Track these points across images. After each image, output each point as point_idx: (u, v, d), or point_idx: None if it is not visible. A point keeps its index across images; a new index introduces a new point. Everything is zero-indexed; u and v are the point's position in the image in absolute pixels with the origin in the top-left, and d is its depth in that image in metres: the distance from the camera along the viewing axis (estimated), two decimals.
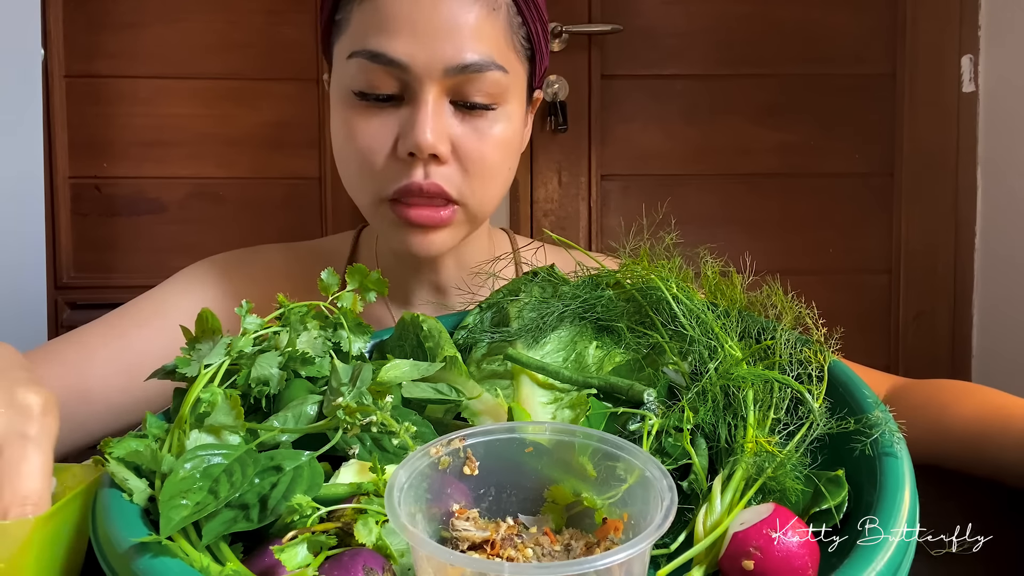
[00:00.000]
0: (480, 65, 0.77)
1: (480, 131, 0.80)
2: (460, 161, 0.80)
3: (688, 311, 0.67)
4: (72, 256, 1.89)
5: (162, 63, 1.87)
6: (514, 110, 0.82)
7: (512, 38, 0.81)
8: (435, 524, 0.51)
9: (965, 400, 0.80)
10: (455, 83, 0.78)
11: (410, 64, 0.76)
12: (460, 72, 0.77)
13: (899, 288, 2.00)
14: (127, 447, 0.54)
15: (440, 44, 0.76)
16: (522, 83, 0.84)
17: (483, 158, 0.80)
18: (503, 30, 0.79)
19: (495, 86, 0.79)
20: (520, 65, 0.83)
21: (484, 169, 0.80)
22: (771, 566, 0.49)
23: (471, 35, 0.77)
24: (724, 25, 1.95)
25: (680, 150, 1.97)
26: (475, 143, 0.79)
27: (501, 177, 0.83)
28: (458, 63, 0.76)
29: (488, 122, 0.80)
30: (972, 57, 1.94)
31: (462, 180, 0.80)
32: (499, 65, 0.78)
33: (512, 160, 0.84)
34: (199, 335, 0.62)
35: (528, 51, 0.84)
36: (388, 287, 0.70)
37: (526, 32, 0.83)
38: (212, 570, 0.47)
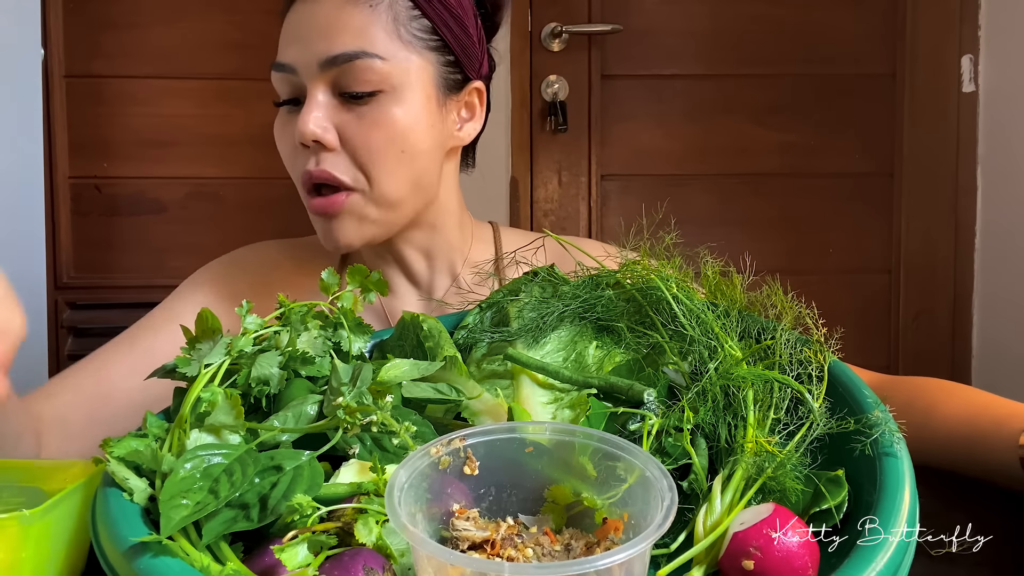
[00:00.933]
0: (349, 55, 0.83)
1: (363, 117, 0.85)
2: (347, 148, 0.85)
3: (688, 311, 0.67)
4: (72, 256, 1.88)
5: (162, 63, 1.87)
6: (407, 95, 0.86)
7: (398, 29, 0.85)
8: (435, 524, 0.51)
9: (949, 401, 0.79)
10: (334, 76, 0.84)
11: (295, 65, 0.86)
12: (332, 64, 0.84)
13: (899, 288, 2.00)
14: (127, 447, 0.54)
15: (314, 42, 0.85)
16: (419, 69, 0.87)
17: (367, 141, 0.85)
18: (383, 23, 0.85)
19: (371, 73, 0.84)
20: (416, 55, 0.86)
21: (370, 152, 0.85)
22: (771, 566, 0.49)
23: (341, 30, 0.84)
24: (724, 25, 1.95)
25: (680, 150, 1.96)
26: (357, 128, 0.85)
27: (396, 160, 0.86)
28: (328, 55, 0.84)
29: (373, 108, 0.85)
30: (972, 57, 1.94)
31: (351, 166, 0.85)
32: (372, 54, 0.84)
33: (408, 143, 0.86)
34: (199, 335, 0.62)
35: (434, 41, 0.88)
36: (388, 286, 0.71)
37: (426, 25, 0.87)
38: (212, 570, 0.47)
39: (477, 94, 0.94)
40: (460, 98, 0.92)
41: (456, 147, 0.94)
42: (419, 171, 0.88)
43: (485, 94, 0.95)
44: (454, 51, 0.89)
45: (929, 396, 0.81)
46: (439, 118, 0.89)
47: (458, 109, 0.92)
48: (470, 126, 0.94)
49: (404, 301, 0.98)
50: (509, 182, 1.93)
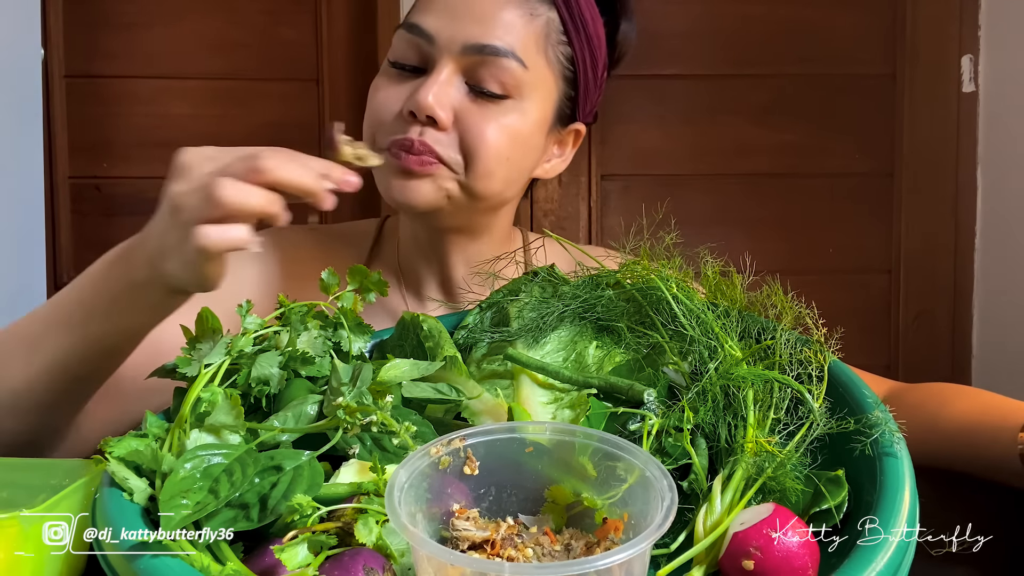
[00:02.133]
0: (498, 50, 0.82)
1: (486, 112, 0.83)
2: (459, 131, 0.83)
3: (688, 311, 0.67)
4: (72, 256, 1.88)
5: (162, 63, 1.87)
6: (531, 110, 0.85)
7: (547, 48, 0.85)
8: (435, 524, 0.51)
9: (959, 400, 0.80)
10: (472, 63, 0.82)
11: (435, 36, 0.82)
12: (478, 52, 0.82)
13: (899, 288, 2.00)
14: (127, 446, 0.54)
15: (467, 24, 0.82)
16: (548, 93, 0.87)
17: (482, 136, 0.82)
18: (536, 35, 0.84)
19: (510, 76, 0.82)
20: (550, 75, 0.86)
21: (481, 146, 0.82)
22: (771, 566, 0.49)
23: (499, 24, 0.82)
24: (724, 25, 1.94)
25: (680, 150, 1.96)
26: (478, 119, 0.83)
27: (498, 162, 0.84)
28: (477, 42, 0.82)
29: (497, 108, 0.83)
30: (972, 57, 1.94)
31: (455, 150, 0.83)
32: (519, 58, 0.82)
33: (514, 153, 0.85)
34: (199, 335, 0.62)
35: (568, 71, 0.88)
36: (393, 287, 0.71)
37: (568, 53, 0.87)
38: (212, 570, 0.47)
39: (575, 135, 0.94)
40: (561, 134, 0.92)
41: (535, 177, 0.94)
42: (510, 182, 0.88)
43: (581, 137, 0.95)
44: (578, 87, 0.90)
45: (939, 397, 0.82)
46: (542, 144, 0.90)
47: (555, 143, 0.92)
48: (557, 163, 0.94)
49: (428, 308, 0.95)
50: None
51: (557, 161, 0.94)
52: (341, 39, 1.88)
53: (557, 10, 0.86)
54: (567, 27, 0.86)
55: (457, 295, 0.95)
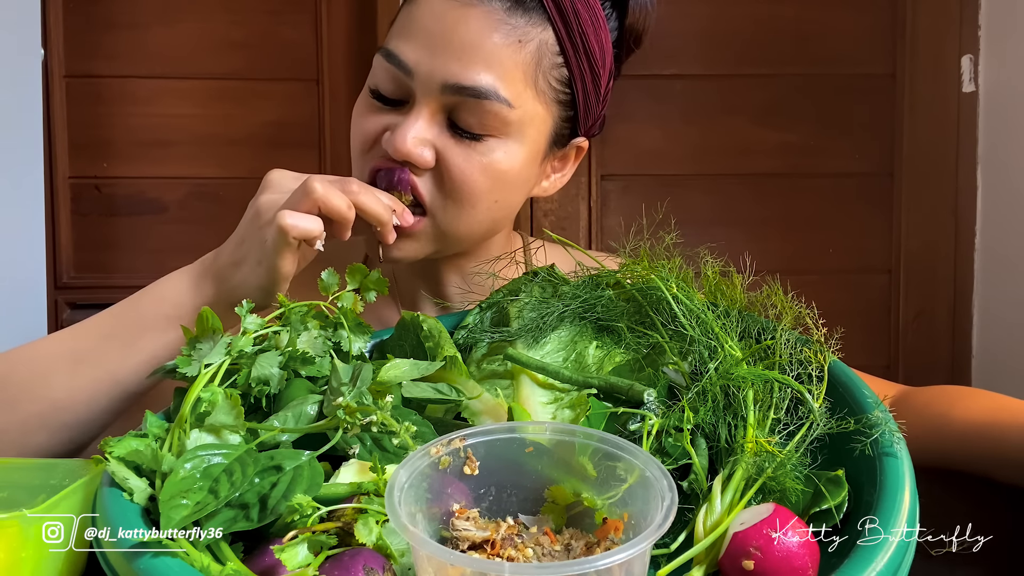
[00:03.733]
0: (479, 92, 0.76)
1: (470, 153, 0.78)
2: (440, 174, 0.79)
3: (688, 311, 0.67)
4: (72, 256, 1.88)
5: (162, 63, 1.87)
6: (518, 146, 0.80)
7: (538, 77, 0.79)
8: (435, 524, 0.51)
9: (969, 401, 0.80)
10: (453, 103, 0.77)
11: (414, 70, 0.77)
12: (457, 93, 0.76)
13: (899, 288, 2.00)
14: (127, 446, 0.54)
15: (447, 59, 0.76)
16: (541, 125, 0.81)
17: (464, 179, 0.78)
18: (525, 66, 0.78)
19: (494, 118, 0.77)
20: (542, 106, 0.80)
21: (463, 190, 0.79)
22: (771, 566, 0.49)
23: (482, 60, 0.76)
24: (724, 25, 1.94)
25: (680, 150, 1.96)
26: (460, 161, 0.78)
27: (481, 205, 0.80)
28: (456, 82, 0.76)
29: (480, 147, 0.78)
30: (972, 57, 1.94)
31: (436, 192, 0.79)
32: (503, 98, 0.77)
33: (500, 193, 0.81)
34: (199, 334, 0.62)
35: (564, 95, 0.82)
36: (391, 288, 0.71)
37: (565, 76, 0.81)
38: (212, 570, 0.47)
39: (576, 151, 0.89)
40: (559, 152, 0.87)
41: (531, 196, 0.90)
42: (498, 219, 0.85)
43: (584, 151, 0.90)
44: (577, 108, 0.84)
45: (946, 400, 0.82)
46: (536, 172, 0.85)
47: (552, 161, 0.88)
48: (557, 179, 0.89)
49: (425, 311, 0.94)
50: None
51: (557, 178, 0.90)
52: (341, 39, 1.88)
53: (553, 28, 0.79)
54: (564, 47, 0.79)
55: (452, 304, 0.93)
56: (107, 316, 0.77)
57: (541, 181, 0.88)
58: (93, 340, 0.75)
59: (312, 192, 0.70)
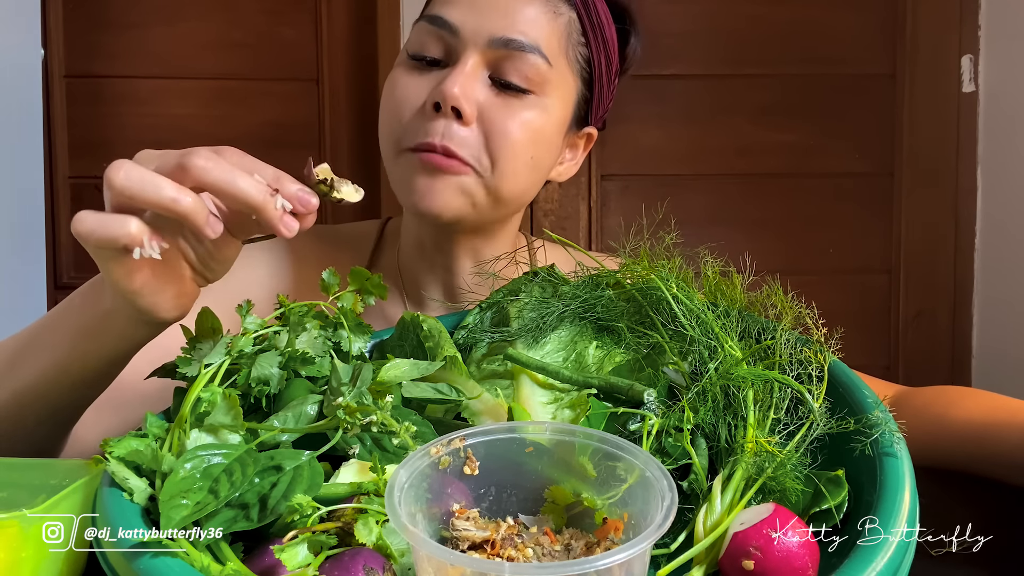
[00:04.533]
0: (524, 45, 0.81)
1: (511, 107, 0.82)
2: (483, 128, 0.81)
3: (688, 311, 0.67)
4: (72, 256, 1.88)
5: (162, 63, 1.87)
6: (553, 107, 0.84)
7: (568, 47, 0.85)
8: (435, 524, 0.51)
9: (968, 401, 0.80)
10: (497, 57, 0.81)
11: (460, 28, 0.81)
12: (504, 46, 0.81)
13: (899, 288, 2.00)
14: (127, 446, 0.54)
15: (493, 17, 0.81)
16: (568, 91, 0.86)
17: (506, 131, 0.81)
18: (559, 34, 0.84)
19: (535, 72, 0.82)
20: (570, 74, 0.86)
21: (505, 142, 0.81)
22: (771, 566, 0.49)
23: (524, 19, 0.82)
24: (724, 25, 1.95)
25: (680, 150, 1.96)
26: (502, 114, 0.81)
27: (520, 160, 0.83)
28: (504, 35, 0.81)
29: (521, 104, 0.82)
30: (972, 57, 1.94)
31: (480, 148, 0.81)
32: (544, 54, 0.82)
33: (538, 151, 0.84)
34: (199, 334, 0.62)
35: (585, 72, 0.88)
36: (397, 282, 0.71)
37: (586, 54, 0.87)
38: (212, 570, 0.47)
39: (587, 139, 0.94)
40: (575, 137, 0.92)
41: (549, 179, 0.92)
42: (531, 183, 0.87)
43: (592, 142, 0.95)
44: (594, 90, 0.89)
45: (946, 400, 0.82)
46: (560, 144, 0.89)
47: (568, 145, 0.92)
48: (569, 166, 0.93)
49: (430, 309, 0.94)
50: None
51: (569, 164, 0.93)
52: (341, 39, 1.88)
53: (576, 11, 0.86)
54: (586, 28, 0.86)
55: (459, 299, 0.93)
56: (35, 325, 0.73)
57: (557, 162, 0.91)
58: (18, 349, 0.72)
59: (111, 182, 0.54)
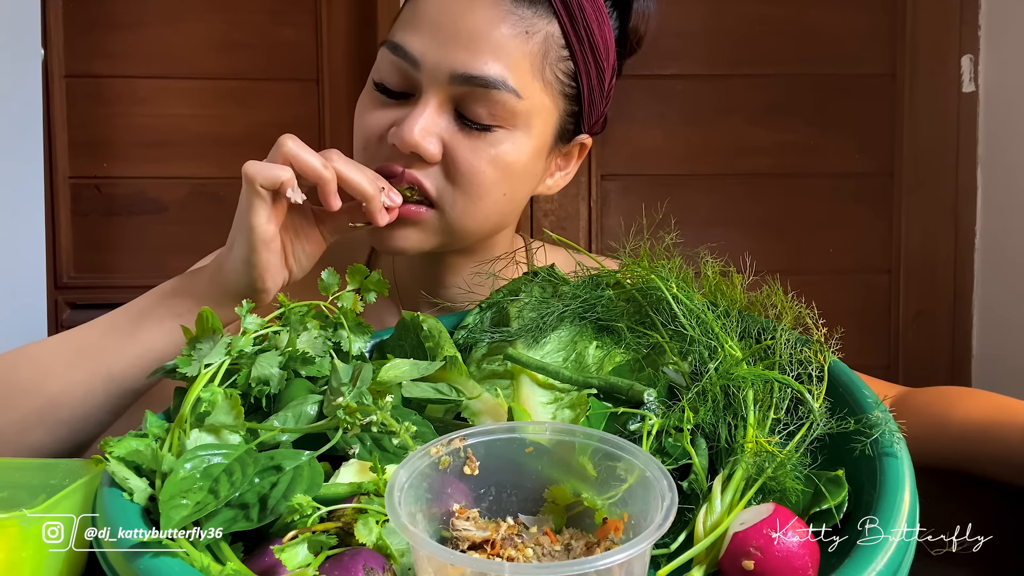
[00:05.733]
0: (488, 81, 0.75)
1: (477, 145, 0.78)
2: (447, 167, 0.78)
3: (688, 311, 0.67)
4: (72, 256, 1.88)
5: (162, 63, 1.87)
6: (526, 139, 0.79)
7: (544, 69, 0.78)
8: (435, 524, 0.51)
9: (968, 401, 0.80)
10: (460, 93, 0.76)
11: (420, 61, 0.76)
12: (465, 83, 0.76)
13: (899, 288, 2.00)
14: (127, 446, 0.54)
15: (454, 50, 0.75)
16: (547, 117, 0.81)
17: (472, 170, 0.77)
18: (532, 57, 0.77)
19: (501, 108, 0.77)
20: (548, 99, 0.80)
21: (471, 182, 0.78)
22: (771, 566, 0.49)
23: (490, 50, 0.76)
24: (724, 25, 1.94)
25: (680, 150, 1.96)
26: (468, 153, 0.77)
27: (490, 198, 0.79)
28: (464, 72, 0.75)
29: (488, 140, 0.78)
30: (972, 57, 1.94)
31: (444, 185, 0.78)
32: (511, 88, 0.76)
33: (509, 186, 0.80)
34: (199, 334, 0.62)
35: (569, 88, 0.82)
36: (391, 290, 0.71)
37: (570, 69, 0.81)
38: (212, 570, 0.47)
39: (580, 148, 0.89)
40: (564, 149, 0.86)
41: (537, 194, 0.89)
42: (503, 215, 0.84)
43: (587, 149, 0.90)
44: (582, 103, 0.83)
45: (946, 400, 0.82)
46: (542, 167, 0.85)
47: (557, 158, 0.87)
48: (560, 177, 0.89)
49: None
50: None
51: (560, 176, 0.89)
52: (341, 39, 1.88)
53: (558, 21, 0.79)
54: (569, 40, 0.79)
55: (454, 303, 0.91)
56: (110, 314, 0.77)
57: (545, 178, 0.87)
58: (93, 336, 0.75)
59: (282, 146, 0.71)
